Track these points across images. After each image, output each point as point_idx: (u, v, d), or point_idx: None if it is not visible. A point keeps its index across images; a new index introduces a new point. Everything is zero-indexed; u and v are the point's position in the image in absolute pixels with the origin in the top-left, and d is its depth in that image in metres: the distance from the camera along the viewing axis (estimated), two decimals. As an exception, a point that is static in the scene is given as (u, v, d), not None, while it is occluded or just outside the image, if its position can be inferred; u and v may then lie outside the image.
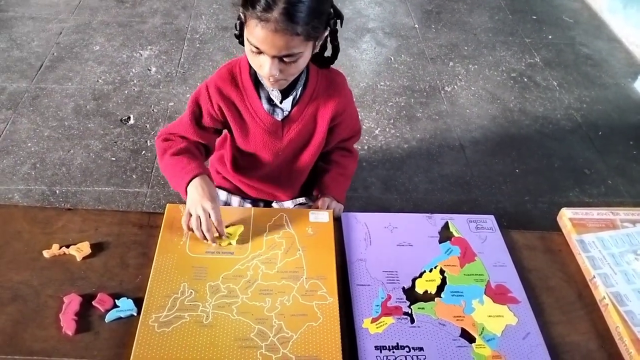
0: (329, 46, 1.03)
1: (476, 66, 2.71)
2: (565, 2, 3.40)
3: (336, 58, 1.03)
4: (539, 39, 2.99)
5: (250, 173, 1.21)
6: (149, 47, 2.57)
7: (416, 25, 2.98)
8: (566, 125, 2.40)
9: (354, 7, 3.07)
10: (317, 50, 0.98)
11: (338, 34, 0.99)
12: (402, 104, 2.40)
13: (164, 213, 1.02)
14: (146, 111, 2.20)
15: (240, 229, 0.99)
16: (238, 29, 0.94)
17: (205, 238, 0.95)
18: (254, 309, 0.87)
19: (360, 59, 2.67)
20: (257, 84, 1.04)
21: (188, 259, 0.94)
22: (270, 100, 1.05)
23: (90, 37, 2.59)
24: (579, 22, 3.20)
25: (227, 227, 0.99)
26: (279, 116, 1.07)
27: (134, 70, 2.42)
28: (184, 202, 1.01)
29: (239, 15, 0.92)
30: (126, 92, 2.29)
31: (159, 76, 2.40)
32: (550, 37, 3.02)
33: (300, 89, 1.05)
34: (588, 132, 2.37)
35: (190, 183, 0.99)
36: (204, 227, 0.94)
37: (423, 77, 2.58)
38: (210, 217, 0.95)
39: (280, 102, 1.05)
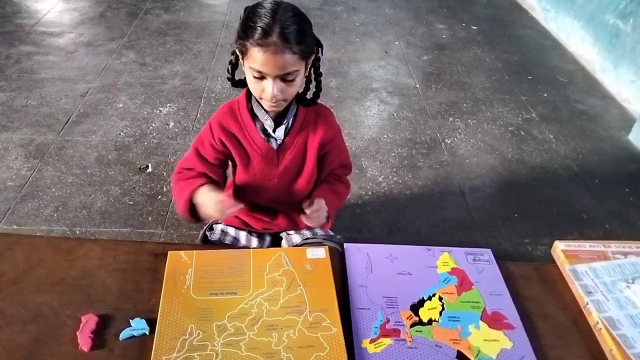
0: (311, 90, 1.19)
1: (475, 121, 2.85)
2: (560, 64, 3.59)
3: (320, 89, 1.18)
4: (534, 96, 3.15)
5: (252, 201, 1.31)
6: (168, 104, 2.76)
7: (417, 85, 3.17)
8: (563, 174, 2.49)
9: (359, 69, 3.28)
10: (307, 73, 1.12)
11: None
12: (404, 154, 2.52)
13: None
14: (163, 160, 2.34)
15: None
16: (230, 71, 1.13)
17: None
18: (262, 344, 0.89)
19: (365, 115, 2.82)
20: (254, 117, 1.19)
21: (193, 301, 0.96)
22: (264, 131, 1.19)
23: (115, 95, 2.80)
24: (573, 82, 3.37)
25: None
26: (273, 145, 1.21)
27: (153, 124, 2.59)
28: (187, 247, 1.08)
29: (234, 51, 1.09)
30: (145, 143, 2.44)
31: (177, 130, 2.56)
32: (545, 94, 3.18)
33: (291, 119, 1.19)
34: (585, 180, 2.45)
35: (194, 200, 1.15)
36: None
37: (424, 131, 2.72)
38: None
39: (274, 132, 1.18)
